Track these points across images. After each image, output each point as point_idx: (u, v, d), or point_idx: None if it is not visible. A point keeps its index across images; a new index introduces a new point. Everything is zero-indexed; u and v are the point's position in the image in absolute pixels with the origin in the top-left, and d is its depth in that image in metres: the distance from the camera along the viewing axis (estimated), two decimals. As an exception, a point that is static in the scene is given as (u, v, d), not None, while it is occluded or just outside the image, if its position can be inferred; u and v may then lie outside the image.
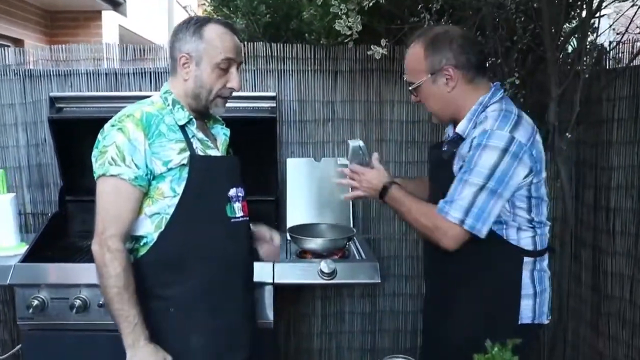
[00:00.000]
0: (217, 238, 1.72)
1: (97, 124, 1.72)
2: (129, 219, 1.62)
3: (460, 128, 1.75)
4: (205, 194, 1.69)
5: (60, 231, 2.75)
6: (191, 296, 1.68)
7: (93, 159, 1.65)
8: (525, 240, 1.74)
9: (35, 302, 2.18)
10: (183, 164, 1.64)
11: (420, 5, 2.52)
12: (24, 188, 3.00)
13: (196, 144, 1.70)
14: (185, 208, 1.65)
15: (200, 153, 1.70)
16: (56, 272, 2.26)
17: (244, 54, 2.93)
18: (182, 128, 1.68)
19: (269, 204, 2.84)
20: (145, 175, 1.62)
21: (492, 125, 1.64)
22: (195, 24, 1.68)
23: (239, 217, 1.78)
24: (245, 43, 2.92)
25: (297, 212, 2.87)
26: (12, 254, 2.37)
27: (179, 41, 1.69)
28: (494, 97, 1.73)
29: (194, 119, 1.71)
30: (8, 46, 3.25)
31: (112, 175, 1.60)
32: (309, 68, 2.96)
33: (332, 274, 2.27)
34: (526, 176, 1.65)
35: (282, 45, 2.95)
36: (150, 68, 2.95)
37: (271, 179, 2.82)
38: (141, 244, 1.68)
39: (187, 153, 1.65)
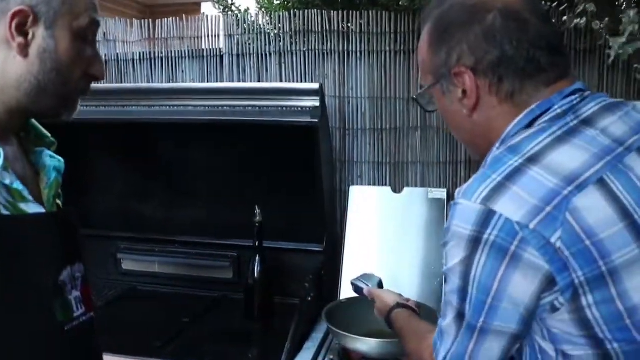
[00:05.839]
0: None
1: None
2: None
3: None
4: (13, 286, 0.91)
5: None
6: None
7: None
8: None
9: None
10: None
11: None
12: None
13: None
14: None
15: (5, 211, 0.91)
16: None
17: (290, 27, 2.03)
18: None
19: (314, 256, 1.90)
20: None
21: (462, 189, 0.89)
22: None
23: (78, 317, 1.00)
24: (291, 12, 2.02)
25: (359, 272, 1.88)
26: None
27: None
28: (528, 118, 0.91)
29: (1, 147, 0.91)
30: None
31: None
32: (387, 48, 2.00)
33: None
34: (543, 291, 0.80)
35: (345, 13, 1.99)
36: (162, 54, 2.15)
37: (316, 217, 1.86)
38: None
39: None
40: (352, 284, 1.57)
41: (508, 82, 0.92)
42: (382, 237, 1.93)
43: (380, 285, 1.54)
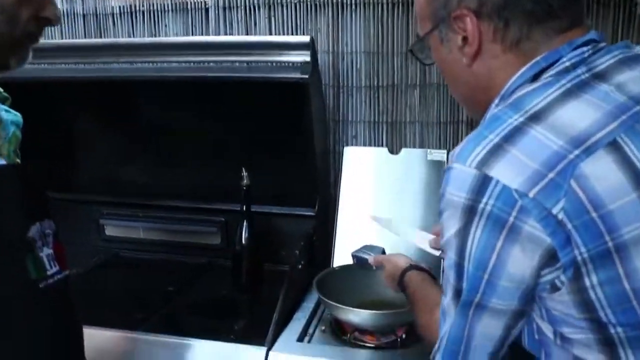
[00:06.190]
0: (13, 323, 0.93)
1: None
2: None
3: None
4: None
5: None
6: None
7: None
8: None
9: None
10: None
11: None
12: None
13: None
14: None
15: None
16: None
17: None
18: None
19: (306, 221, 1.80)
20: None
21: (455, 151, 0.79)
22: None
23: (53, 275, 0.99)
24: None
25: (355, 238, 1.80)
26: None
27: None
28: (532, 71, 0.81)
29: None
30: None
31: None
32: (385, -1, 1.85)
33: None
34: (543, 267, 0.71)
35: (338, -41, 1.86)
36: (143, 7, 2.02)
37: (308, 180, 1.76)
38: None
39: None
40: (354, 256, 1.48)
41: (514, 27, 0.82)
42: (378, 201, 1.83)
43: (383, 253, 1.46)
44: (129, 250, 2.00)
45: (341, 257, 1.77)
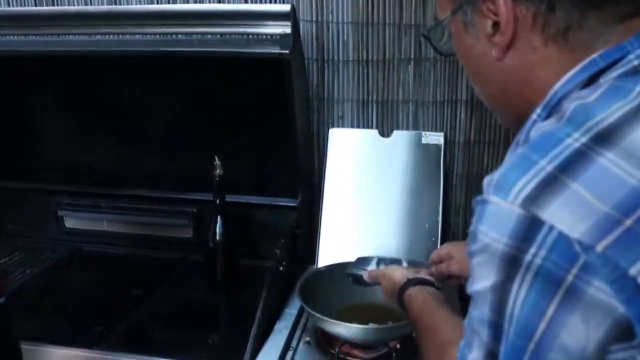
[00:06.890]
0: None
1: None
2: None
3: None
4: None
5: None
6: None
7: None
8: None
9: None
10: None
11: None
12: None
13: None
14: None
15: None
16: None
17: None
18: None
19: (287, 213, 1.65)
20: None
21: (493, 179, 0.60)
22: None
23: None
24: None
25: (341, 231, 1.66)
26: None
27: None
28: (587, 72, 0.64)
29: None
30: None
31: None
32: (375, -39, 1.67)
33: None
34: (613, 341, 0.52)
35: None
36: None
37: (290, 166, 1.60)
38: None
39: None
40: (348, 274, 1.33)
41: (562, 12, 0.66)
42: (368, 189, 1.68)
43: (378, 264, 1.31)
44: (91, 244, 1.83)
45: (327, 252, 1.61)
